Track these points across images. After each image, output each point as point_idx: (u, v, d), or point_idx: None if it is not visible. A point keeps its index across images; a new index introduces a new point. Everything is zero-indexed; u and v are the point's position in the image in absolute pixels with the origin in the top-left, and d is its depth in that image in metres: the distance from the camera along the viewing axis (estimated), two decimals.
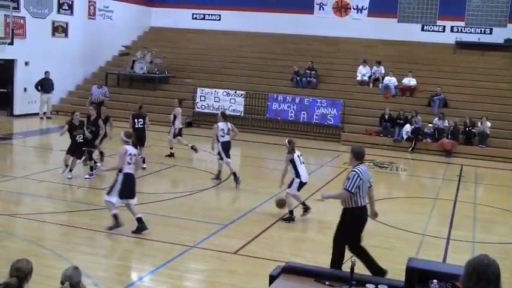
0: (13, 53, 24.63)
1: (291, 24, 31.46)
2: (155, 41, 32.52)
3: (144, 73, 28.87)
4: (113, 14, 32.01)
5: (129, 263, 10.07)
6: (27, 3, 26.43)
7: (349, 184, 9.05)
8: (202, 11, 34.36)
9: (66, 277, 5.68)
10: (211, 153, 19.80)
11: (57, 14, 28.41)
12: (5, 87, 26.49)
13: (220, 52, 31.22)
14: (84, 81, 30.34)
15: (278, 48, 30.84)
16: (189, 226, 12.00)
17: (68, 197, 14.06)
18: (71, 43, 29.04)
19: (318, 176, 18.21)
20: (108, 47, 31.51)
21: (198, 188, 15.26)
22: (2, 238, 10.96)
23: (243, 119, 25.85)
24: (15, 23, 24.71)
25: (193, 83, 28.16)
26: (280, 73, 28.62)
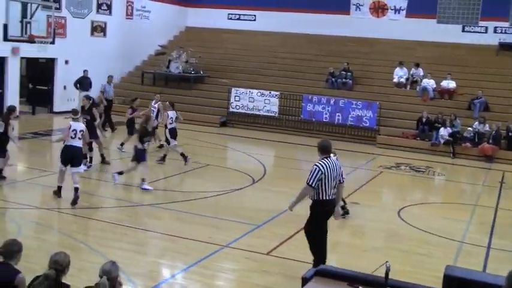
0: (54, 52, 25.01)
1: (327, 24, 31.34)
2: (191, 41, 32.70)
3: (180, 73, 29.06)
4: (149, 14, 32.31)
5: (162, 260, 10.16)
6: (68, 3, 26.86)
7: (309, 177, 9.09)
8: (237, 11, 34.46)
9: (104, 271, 5.78)
10: (246, 153, 19.91)
11: (96, 14, 28.81)
12: (45, 85, 26.98)
13: (255, 52, 31.27)
14: (121, 80, 30.66)
15: (313, 49, 30.75)
16: (222, 225, 12.06)
17: (104, 193, 14.23)
18: (108, 42, 29.41)
19: (352, 178, 18.08)
20: (145, 46, 31.81)
21: (232, 187, 15.31)
22: (41, 231, 11.19)
23: (277, 119, 25.86)
24: (57, 23, 25.11)
25: (228, 83, 28.24)
26: (316, 74, 28.53)
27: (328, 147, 9.39)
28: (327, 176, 9.06)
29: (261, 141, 23.27)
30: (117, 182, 14.61)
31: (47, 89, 27.00)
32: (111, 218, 12.06)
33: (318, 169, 9.06)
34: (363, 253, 11.12)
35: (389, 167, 19.70)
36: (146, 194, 14.29)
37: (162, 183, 15.18)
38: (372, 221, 13.43)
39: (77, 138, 12.99)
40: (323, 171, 9.04)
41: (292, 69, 29.29)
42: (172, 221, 12.19)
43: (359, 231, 13.06)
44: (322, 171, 9.04)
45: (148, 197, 13.96)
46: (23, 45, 22.96)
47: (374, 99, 25.45)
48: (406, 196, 16.81)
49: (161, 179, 15.84)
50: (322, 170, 9.04)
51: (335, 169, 9.22)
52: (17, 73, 24.89)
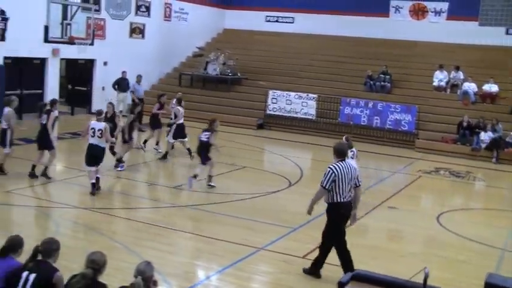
0: (93, 53, 25.26)
1: (365, 27, 31.11)
2: (228, 43, 32.74)
3: (217, 74, 29.11)
4: (187, 16, 32.46)
5: (197, 261, 10.14)
6: (107, 5, 27.13)
7: (322, 180, 9.16)
8: (275, 14, 34.43)
9: (139, 271, 5.78)
10: (282, 156, 19.84)
11: (135, 16, 29.03)
12: (84, 86, 27.27)
13: (293, 55, 31.19)
14: (159, 81, 30.86)
15: (352, 52, 30.55)
16: (258, 228, 12.00)
17: (140, 194, 14.27)
18: (147, 44, 29.60)
19: (390, 183, 17.97)
20: (183, 48, 31.95)
21: (268, 190, 15.25)
22: (79, 230, 11.27)
23: (314, 122, 25.73)
24: (96, 25, 25.37)
25: (265, 85, 28.21)
26: (354, 77, 28.32)
27: (344, 151, 9.51)
28: (341, 179, 9.10)
29: (298, 143, 23.17)
30: (193, 185, 14.76)
31: (86, 90, 27.29)
32: (147, 218, 12.09)
33: (331, 171, 9.11)
34: (400, 258, 10.96)
35: (429, 172, 19.43)
36: (182, 195, 14.33)
37: (198, 185, 15.17)
38: (409, 226, 13.25)
39: (96, 136, 13.43)
40: (336, 174, 9.08)
41: (330, 72, 29.15)
42: (208, 222, 12.17)
43: (396, 235, 12.91)
44: (336, 174, 9.08)
45: (184, 199, 13.98)
46: (63, 47, 23.23)
47: (413, 102, 25.16)
48: (445, 201, 16.54)
49: (198, 181, 15.84)
50: (335, 172, 9.09)
51: (349, 172, 9.23)
52: (57, 74, 25.20)
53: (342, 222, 9.42)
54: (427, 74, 27.43)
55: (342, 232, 9.47)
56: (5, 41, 22.44)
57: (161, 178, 16.00)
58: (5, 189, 13.48)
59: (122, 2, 27.93)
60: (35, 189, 13.72)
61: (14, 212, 12.27)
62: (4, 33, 22.42)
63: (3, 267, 6.28)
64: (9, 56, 22.81)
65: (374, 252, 11.10)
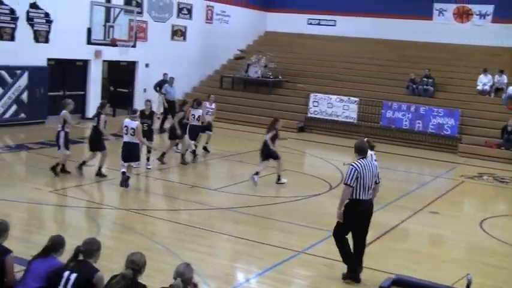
0: (135, 55, 25.51)
1: (408, 30, 30.85)
2: (270, 46, 32.73)
3: (258, 77, 29.13)
4: (229, 18, 32.58)
5: (237, 264, 10.13)
6: (149, 8, 27.39)
7: (346, 178, 9.20)
8: (317, 16, 34.33)
9: (178, 273, 5.79)
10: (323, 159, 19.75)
11: (177, 18, 29.24)
12: (126, 87, 27.56)
13: (335, 58, 31.06)
14: (200, 84, 31.01)
15: (394, 55, 30.31)
16: (297, 231, 11.95)
17: (181, 196, 14.32)
18: (188, 46, 29.79)
19: (432, 187, 17.73)
20: (224, 50, 32.06)
21: (309, 193, 15.19)
22: (120, 231, 11.35)
23: (356, 126, 25.56)
24: (138, 27, 25.62)
25: (306, 88, 28.14)
26: (396, 80, 28.08)
27: (364, 148, 9.56)
28: (363, 176, 9.14)
29: (338, 147, 23.03)
30: (257, 182, 15.26)
31: (128, 91, 27.58)
32: (188, 220, 12.13)
33: (354, 169, 9.15)
34: (442, 264, 10.80)
35: (471, 177, 19.11)
36: (223, 197, 14.34)
37: (238, 187, 15.20)
38: (452, 232, 13.06)
39: (129, 134, 14.07)
40: (359, 171, 9.12)
41: (372, 75, 28.94)
42: (248, 225, 12.16)
43: (438, 241, 12.73)
44: (358, 171, 9.12)
45: (225, 201, 13.99)
46: (105, 49, 23.51)
47: (456, 106, 24.81)
48: (489, 207, 16.27)
49: (238, 183, 15.85)
50: (358, 169, 9.13)
51: (371, 169, 9.29)
52: (99, 76, 25.51)
53: (359, 218, 9.38)
54: (471, 78, 27.04)
55: (355, 231, 9.45)
56: (48, 43, 22.84)
57: (202, 180, 16.03)
58: (48, 190, 13.69)
59: (164, 5, 28.17)
60: (76, 190, 13.89)
61: (55, 212, 12.43)
62: (48, 35, 22.82)
63: (45, 266, 6.36)
64: (52, 58, 23.21)
65: (415, 257, 10.96)
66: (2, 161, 16.72)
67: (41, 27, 22.59)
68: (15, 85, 21.65)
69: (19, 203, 12.41)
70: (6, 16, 21.36)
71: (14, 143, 19.34)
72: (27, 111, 22.18)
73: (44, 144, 18.89)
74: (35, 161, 16.72)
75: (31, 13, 22.17)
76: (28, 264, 6.57)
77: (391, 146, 23.84)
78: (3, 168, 16.07)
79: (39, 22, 22.49)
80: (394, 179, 18.77)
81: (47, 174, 15.06)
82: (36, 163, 16.46)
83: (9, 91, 21.49)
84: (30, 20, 22.18)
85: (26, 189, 13.57)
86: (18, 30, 21.77)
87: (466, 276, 6.10)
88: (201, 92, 29.25)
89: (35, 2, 22.22)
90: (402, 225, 13.00)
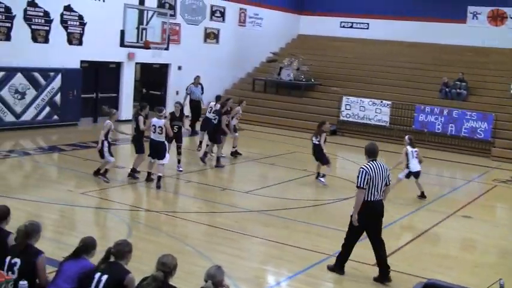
0: (168, 57, 25.62)
1: (441, 33, 30.57)
2: (302, 49, 32.68)
3: (291, 80, 29.09)
4: (262, 21, 32.58)
5: (267, 267, 10.10)
6: (183, 10, 27.54)
7: (358, 181, 9.29)
8: (350, 19, 34.21)
9: (209, 275, 5.79)
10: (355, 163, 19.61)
11: (210, 21, 29.35)
12: (159, 90, 27.72)
13: (367, 61, 30.89)
14: (232, 86, 31.06)
15: (427, 58, 30.04)
16: (329, 234, 11.88)
17: (212, 198, 14.34)
18: (221, 49, 29.87)
19: (464, 191, 17.53)
20: (257, 53, 32.09)
21: (340, 196, 15.11)
22: (151, 233, 11.40)
23: (388, 129, 25.38)
24: (171, 30, 25.75)
25: (339, 91, 28.03)
26: (429, 84, 27.82)
27: (375, 150, 9.64)
28: (373, 178, 9.23)
29: None
30: (324, 183, 15.86)
31: (160, 94, 27.73)
32: (219, 222, 12.13)
33: (365, 171, 9.24)
34: (474, 269, 10.67)
35: (505, 181, 18.87)
36: (255, 200, 14.32)
37: (270, 190, 15.17)
38: (484, 236, 12.89)
39: (157, 132, 14.49)
40: (370, 173, 9.21)
41: (404, 79, 28.76)
42: (279, 228, 12.12)
43: (470, 245, 12.59)
44: (369, 173, 9.21)
45: (256, 204, 13.98)
46: (138, 51, 23.67)
47: (489, 110, 24.50)
48: None
49: (270, 186, 15.84)
50: (369, 172, 9.23)
51: (382, 171, 9.36)
52: (132, 78, 25.71)
53: (369, 220, 9.46)
54: (505, 82, 26.68)
55: (362, 231, 9.60)
56: (82, 45, 23.08)
57: (234, 183, 16.03)
58: (79, 191, 13.80)
59: (197, 8, 28.29)
60: (107, 192, 13.98)
61: (87, 214, 12.52)
62: (81, 37, 23.07)
63: (76, 267, 6.40)
64: (86, 60, 23.44)
65: (447, 261, 10.84)
66: (35, 163, 16.92)
67: (75, 30, 22.84)
68: (48, 87, 21.90)
69: (51, 204, 12.53)
70: (41, 19, 21.63)
71: (46, 145, 19.58)
72: (60, 113, 22.42)
73: (76, 146, 19.08)
74: (67, 163, 16.87)
75: (65, 16, 22.44)
76: (59, 265, 6.62)
77: (424, 149, 23.44)
78: (36, 169, 16.28)
79: (73, 25, 22.75)
80: (427, 182, 18.56)
81: (79, 176, 15.23)
82: (68, 165, 16.61)
83: (42, 93, 21.73)
84: (64, 22, 22.45)
85: (57, 191, 13.70)
86: (52, 33, 22.03)
87: (499, 281, 6.00)
88: (233, 95, 29.29)
89: (69, 5, 22.48)
90: (434, 229, 12.86)
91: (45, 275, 6.58)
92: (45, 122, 22.00)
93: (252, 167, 18.60)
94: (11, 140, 19.56)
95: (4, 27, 20.58)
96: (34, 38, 21.54)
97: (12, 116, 20.93)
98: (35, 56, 21.39)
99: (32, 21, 21.38)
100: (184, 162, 16.98)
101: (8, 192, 12.97)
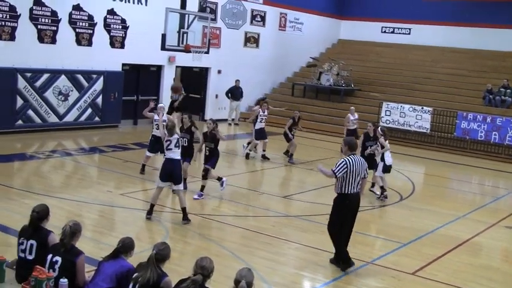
0: (208, 61, 25.72)
1: (485, 39, 30.14)
2: (343, 54, 32.55)
3: (330, 85, 28.98)
4: (302, 26, 32.52)
5: (303, 272, 10.03)
6: (223, 15, 27.66)
7: (335, 167, 9.64)
8: (391, 24, 33.95)
9: (241, 276, 5.80)
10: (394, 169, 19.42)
11: (250, 25, 29.40)
12: (198, 93, 27.86)
13: (408, 67, 30.62)
14: (272, 91, 31.07)
15: (471, 64, 29.65)
16: (366, 241, 11.79)
17: (250, 202, 14.34)
18: (261, 53, 29.90)
19: (506, 201, 17.19)
20: (297, 58, 32.05)
21: (376, 203, 14.98)
22: (188, 235, 11.43)
23: (429, 136, 25.08)
24: (212, 33, 25.87)
25: (379, 97, 27.82)
26: (472, 90, 27.46)
27: (355, 145, 10.05)
28: (351, 171, 9.57)
29: (410, 157, 22.65)
30: (379, 195, 15.32)
31: (200, 97, 27.87)
32: (256, 226, 12.11)
33: (344, 162, 9.59)
34: None
35: None
36: (292, 205, 14.29)
37: (308, 195, 15.11)
38: None
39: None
40: (348, 166, 9.56)
41: (446, 85, 28.43)
42: (316, 233, 12.04)
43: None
44: (348, 166, 9.56)
45: (293, 209, 13.94)
46: (178, 54, 23.82)
47: None
48: None
49: (308, 191, 15.78)
50: (348, 164, 9.57)
51: (360, 166, 9.72)
52: (172, 81, 25.85)
53: (347, 212, 9.82)
54: None
55: (344, 222, 9.86)
56: (124, 48, 23.33)
57: (272, 187, 16.00)
58: (119, 192, 13.93)
59: (237, 12, 28.38)
60: (145, 194, 14.06)
61: (126, 215, 12.61)
62: (124, 41, 23.32)
63: (115, 267, 6.46)
64: (127, 63, 23.69)
65: (488, 272, 10.63)
66: (76, 163, 17.15)
67: (117, 33, 23.11)
68: (91, 89, 22.18)
69: (91, 204, 12.68)
70: (85, 22, 21.93)
71: (87, 146, 19.81)
72: (101, 115, 22.69)
73: (117, 148, 19.27)
74: (107, 164, 17.05)
75: (108, 19, 22.71)
76: (98, 265, 6.69)
77: (465, 157, 23.32)
78: (77, 170, 16.48)
79: (116, 28, 23.01)
80: (468, 191, 18.34)
81: (118, 177, 15.38)
82: (108, 166, 16.78)
83: (85, 95, 22.02)
84: (107, 26, 22.72)
85: (97, 191, 13.85)
86: (95, 36, 22.32)
87: None
88: (273, 99, 29.33)
89: (113, 9, 22.75)
90: (475, 239, 12.64)
91: (83, 275, 6.65)
92: (87, 124, 22.29)
93: (289, 172, 18.58)
94: (53, 141, 19.86)
95: (50, 31, 20.91)
96: (78, 41, 21.86)
97: (56, 117, 21.25)
98: (78, 59, 21.70)
99: (76, 24, 21.69)
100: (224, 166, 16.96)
101: (49, 192, 13.19)
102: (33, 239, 6.87)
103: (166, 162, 11.91)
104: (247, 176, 17.27)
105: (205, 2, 24.45)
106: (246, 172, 17.49)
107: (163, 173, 11.92)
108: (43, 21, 20.70)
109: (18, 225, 7.38)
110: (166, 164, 11.92)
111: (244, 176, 17.25)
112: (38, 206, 7.16)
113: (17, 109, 20.14)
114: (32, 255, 6.81)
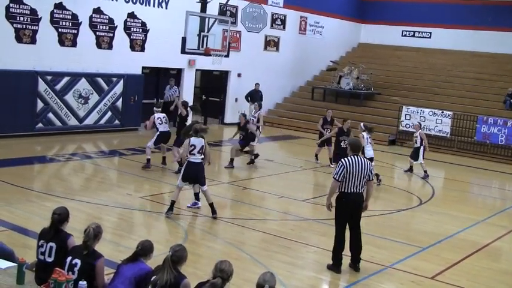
0: (228, 65, 25.75)
1: (506, 42, 29.92)
2: (363, 57, 32.46)
3: (350, 89, 28.91)
4: (323, 29, 32.48)
5: (323, 276, 10.01)
6: (243, 18, 27.70)
7: (334, 172, 9.88)
8: (412, 28, 33.81)
9: (265, 281, 5.79)
10: (414, 173, 19.34)
11: (270, 28, 29.41)
12: (218, 96, 27.92)
13: (429, 70, 30.50)
14: (291, 95, 31.06)
15: (493, 68, 29.46)
16: (386, 245, 11.74)
17: (269, 206, 14.32)
18: (281, 57, 29.90)
19: None
20: (317, 61, 32.00)
21: (398, 207, 14.92)
22: (207, 238, 11.45)
23: (449, 140, 24.95)
24: (232, 37, 25.91)
25: (399, 101, 27.71)
26: (493, 94, 27.28)
27: (358, 146, 10.16)
28: (350, 172, 9.61)
29: (430, 161, 22.45)
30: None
31: (219, 100, 27.92)
32: (275, 230, 12.11)
33: (341, 165, 9.72)
34: None
35: None
36: (311, 208, 14.27)
37: (320, 200, 15.08)
38: None
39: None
40: (345, 166, 9.63)
41: (467, 89, 28.27)
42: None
43: None
44: (345, 166, 9.63)
45: (312, 212, 13.91)
46: (198, 58, 23.90)
47: None
48: None
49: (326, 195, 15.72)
50: (346, 166, 9.64)
51: (361, 166, 9.69)
52: (192, 84, 25.96)
53: (342, 211, 9.90)
54: None
55: (342, 223, 10.00)
56: (144, 51, 23.44)
57: (291, 191, 15.99)
58: (138, 195, 14.00)
59: (257, 15, 28.42)
60: (164, 197, 14.11)
61: (145, 218, 12.67)
62: (144, 44, 23.44)
63: (134, 270, 6.49)
64: (147, 66, 23.80)
65: (508, 277, 10.56)
66: (96, 166, 17.24)
67: (137, 36, 23.23)
68: (111, 92, 22.31)
69: (111, 207, 12.75)
70: (105, 25, 22.08)
71: (107, 149, 19.93)
72: (121, 118, 22.80)
73: (136, 151, 19.35)
74: (127, 167, 17.14)
75: (128, 23, 22.84)
76: (118, 267, 6.71)
77: (486, 161, 23.17)
78: (97, 173, 16.57)
79: (136, 31, 23.14)
80: (488, 195, 18.20)
81: (138, 180, 15.46)
82: (127, 169, 16.87)
83: (105, 98, 22.16)
84: (128, 29, 22.85)
85: (117, 194, 13.92)
86: (115, 39, 22.45)
87: None
88: (292, 103, 29.42)
89: (133, 12, 22.87)
90: (495, 244, 12.55)
91: (103, 278, 6.68)
92: (106, 127, 22.41)
93: (308, 176, 18.56)
94: (73, 143, 20.00)
95: (70, 34, 21.07)
96: (98, 44, 22.00)
97: (76, 120, 21.40)
98: (98, 62, 21.84)
99: (96, 28, 21.84)
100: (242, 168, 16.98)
101: (69, 194, 13.28)
102: (53, 241, 6.91)
103: (190, 164, 12.39)
104: (266, 180, 17.25)
105: (225, 5, 24.52)
106: (265, 176, 17.47)
107: (186, 175, 12.41)
108: (64, 25, 20.87)
109: (38, 228, 7.43)
110: (189, 166, 12.39)
111: (263, 179, 17.23)
112: (59, 209, 7.21)
113: (38, 112, 20.31)
114: (51, 258, 6.86)
